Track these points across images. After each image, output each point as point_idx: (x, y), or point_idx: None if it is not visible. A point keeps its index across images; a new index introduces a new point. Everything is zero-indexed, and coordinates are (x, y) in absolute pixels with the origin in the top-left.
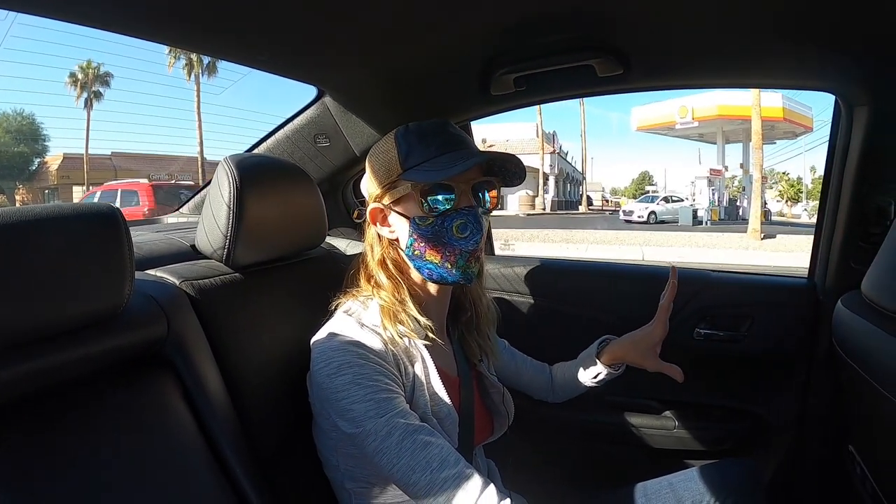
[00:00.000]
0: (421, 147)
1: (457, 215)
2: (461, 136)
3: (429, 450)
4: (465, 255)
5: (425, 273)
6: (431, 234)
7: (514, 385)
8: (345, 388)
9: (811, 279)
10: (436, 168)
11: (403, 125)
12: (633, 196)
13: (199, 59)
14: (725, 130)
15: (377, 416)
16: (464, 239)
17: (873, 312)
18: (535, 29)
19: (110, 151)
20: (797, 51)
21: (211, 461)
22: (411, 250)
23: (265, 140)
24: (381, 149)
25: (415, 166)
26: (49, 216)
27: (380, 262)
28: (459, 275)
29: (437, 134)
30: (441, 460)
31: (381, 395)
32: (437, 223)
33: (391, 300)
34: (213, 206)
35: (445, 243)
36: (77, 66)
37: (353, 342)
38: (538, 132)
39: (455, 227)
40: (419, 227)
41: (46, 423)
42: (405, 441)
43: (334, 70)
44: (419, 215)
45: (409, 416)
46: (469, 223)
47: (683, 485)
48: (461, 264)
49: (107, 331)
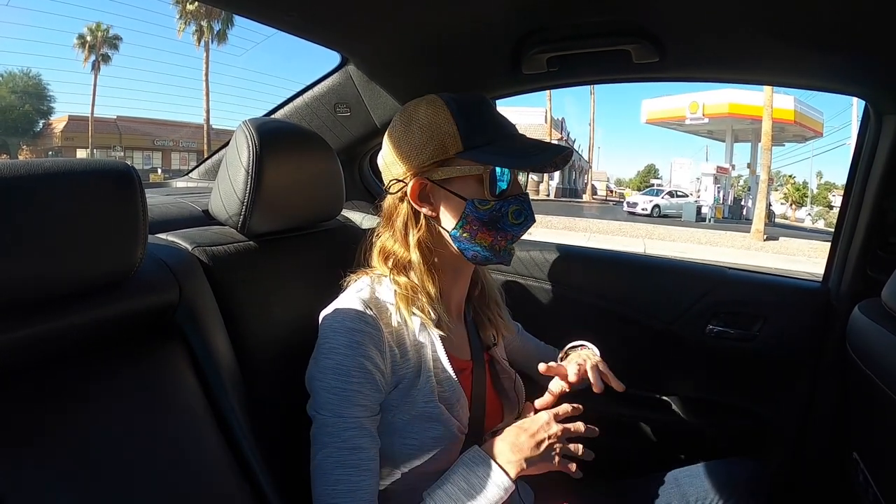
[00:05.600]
0: (481, 125)
1: (514, 201)
2: (506, 119)
3: (342, 480)
4: (514, 240)
5: (470, 255)
6: (488, 218)
7: (524, 369)
8: (323, 371)
9: (825, 283)
10: (504, 152)
11: (446, 95)
12: (638, 188)
13: (209, 26)
14: (735, 129)
15: (335, 416)
16: (518, 225)
17: (894, 322)
18: (574, 8)
19: (116, 115)
20: (832, 54)
21: (218, 434)
22: (459, 231)
23: (283, 106)
24: (427, 119)
25: (480, 146)
26: (60, 171)
27: (416, 244)
28: (505, 256)
29: (489, 112)
30: (347, 492)
31: (349, 393)
32: (495, 208)
33: (413, 285)
34: (230, 170)
35: (499, 228)
36: (86, 28)
37: (352, 328)
38: (547, 118)
39: (511, 212)
40: (477, 210)
41: (50, 390)
42: (335, 455)
43: (361, 36)
44: (479, 198)
45: (363, 430)
46: (524, 210)
47: (688, 480)
48: (509, 247)
49: (116, 295)
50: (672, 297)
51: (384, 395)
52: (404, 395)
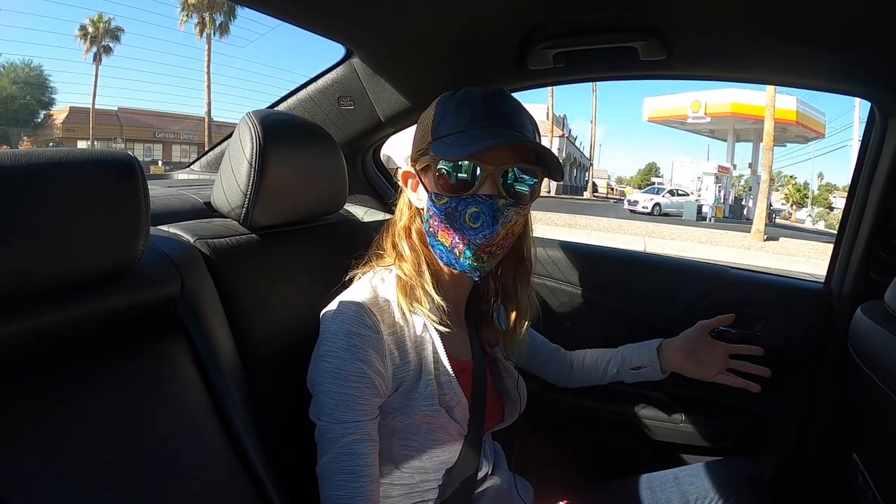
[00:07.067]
0: (454, 116)
1: (472, 202)
2: (506, 112)
3: (342, 485)
4: (473, 247)
5: (436, 253)
6: (444, 214)
7: (526, 367)
8: (322, 375)
9: (827, 284)
10: (458, 143)
11: (456, 89)
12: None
13: (211, 19)
14: (737, 128)
15: (333, 422)
16: (474, 230)
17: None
18: (581, 4)
19: (117, 107)
20: (838, 55)
21: (219, 428)
22: (427, 225)
23: (286, 99)
24: (426, 112)
25: (441, 137)
26: (61, 161)
27: (405, 228)
28: (468, 266)
29: (477, 104)
30: (347, 497)
31: (348, 398)
32: (450, 205)
33: (410, 272)
34: (233, 162)
35: (457, 228)
36: (88, 19)
37: (350, 331)
38: (548, 115)
39: (468, 214)
40: (434, 204)
41: (49, 384)
42: (335, 461)
43: (366, 29)
44: (436, 191)
45: (362, 435)
46: (483, 214)
47: (688, 479)
48: (469, 255)
49: (117, 288)
50: (673, 296)
51: (384, 399)
52: (404, 397)
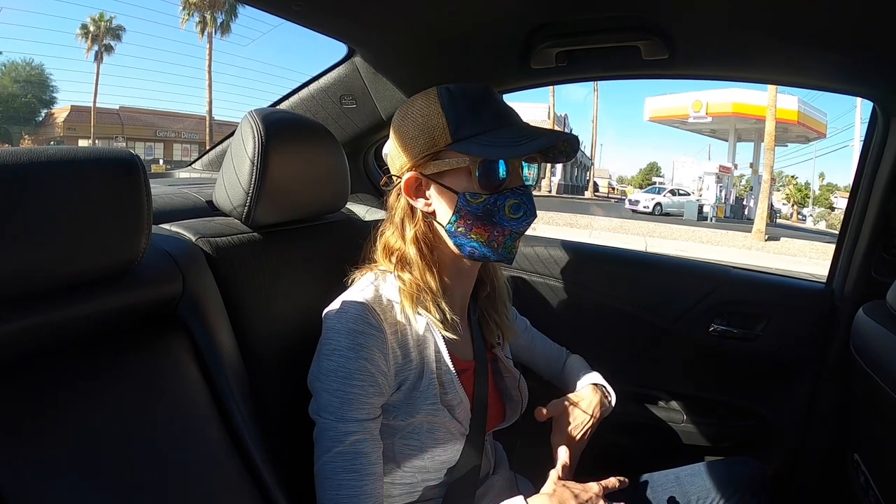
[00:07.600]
0: (473, 116)
1: (511, 194)
2: (509, 107)
3: (345, 485)
4: (514, 237)
5: (467, 251)
6: (482, 211)
7: (530, 367)
8: (325, 373)
9: (829, 285)
10: (496, 142)
11: (443, 86)
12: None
13: (212, 17)
14: (738, 128)
15: (336, 420)
16: (516, 220)
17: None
18: (585, 3)
19: (118, 105)
20: (841, 55)
21: (221, 427)
22: (454, 226)
23: (288, 97)
24: (419, 112)
25: (469, 137)
26: (63, 159)
27: (413, 239)
28: (504, 254)
29: (486, 101)
30: (350, 497)
31: (351, 396)
32: (489, 201)
33: (416, 282)
34: (235, 160)
35: (495, 223)
36: (89, 18)
37: (354, 329)
38: (549, 114)
39: (508, 206)
40: (469, 204)
41: (51, 382)
42: (337, 460)
43: (369, 27)
44: (471, 191)
45: (365, 434)
46: (523, 203)
47: (690, 479)
48: (508, 244)
49: (119, 287)
50: (675, 296)
51: (386, 398)
52: (406, 396)
